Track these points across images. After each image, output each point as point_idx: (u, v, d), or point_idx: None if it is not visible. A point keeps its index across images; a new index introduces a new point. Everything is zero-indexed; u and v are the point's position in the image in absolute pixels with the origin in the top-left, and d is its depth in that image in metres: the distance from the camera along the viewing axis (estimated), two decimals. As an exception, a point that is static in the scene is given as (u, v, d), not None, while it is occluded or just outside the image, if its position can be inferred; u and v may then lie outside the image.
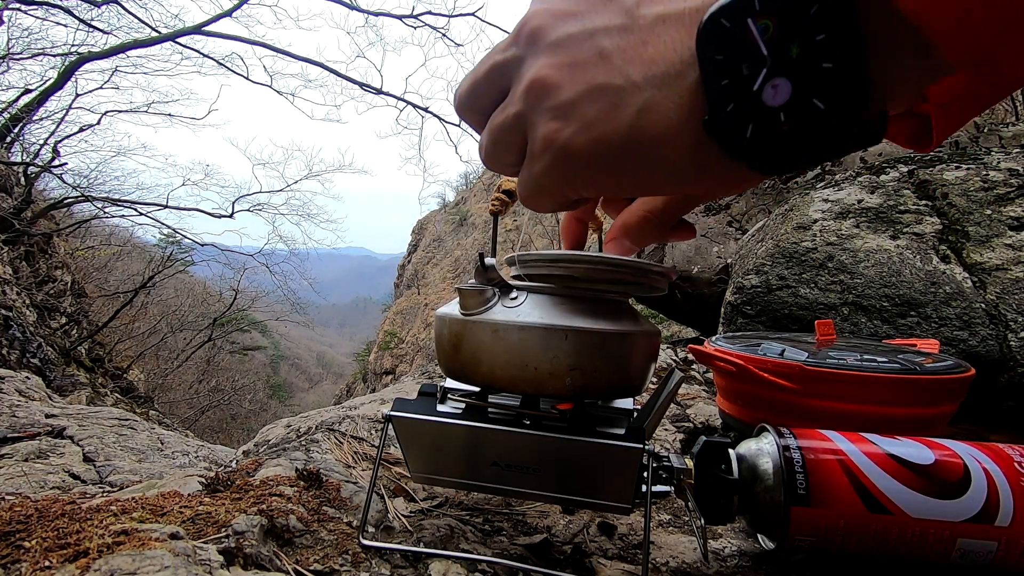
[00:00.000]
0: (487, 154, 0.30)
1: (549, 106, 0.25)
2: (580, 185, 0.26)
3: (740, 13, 0.20)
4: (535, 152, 0.26)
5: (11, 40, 6.28)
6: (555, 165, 0.26)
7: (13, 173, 5.88)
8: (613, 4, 0.24)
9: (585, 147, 0.24)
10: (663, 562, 0.48)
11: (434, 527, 0.48)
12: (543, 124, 0.25)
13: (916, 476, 0.41)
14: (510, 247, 18.80)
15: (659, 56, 0.22)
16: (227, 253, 9.59)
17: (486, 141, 0.29)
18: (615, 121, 0.23)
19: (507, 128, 0.27)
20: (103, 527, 0.38)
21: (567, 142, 0.24)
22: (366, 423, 0.77)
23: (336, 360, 37.99)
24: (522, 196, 0.30)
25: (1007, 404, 0.90)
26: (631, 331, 0.43)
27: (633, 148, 0.24)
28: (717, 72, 0.21)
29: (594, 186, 0.26)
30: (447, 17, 8.09)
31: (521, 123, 0.26)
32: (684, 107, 0.22)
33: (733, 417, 0.70)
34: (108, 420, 1.27)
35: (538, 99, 0.25)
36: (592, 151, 0.24)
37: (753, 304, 1.13)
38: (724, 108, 0.21)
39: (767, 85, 0.20)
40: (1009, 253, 0.98)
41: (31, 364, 3.56)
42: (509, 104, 0.27)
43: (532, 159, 0.26)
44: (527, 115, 0.26)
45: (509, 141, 0.28)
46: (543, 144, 0.25)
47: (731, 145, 0.22)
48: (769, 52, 0.20)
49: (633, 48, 0.23)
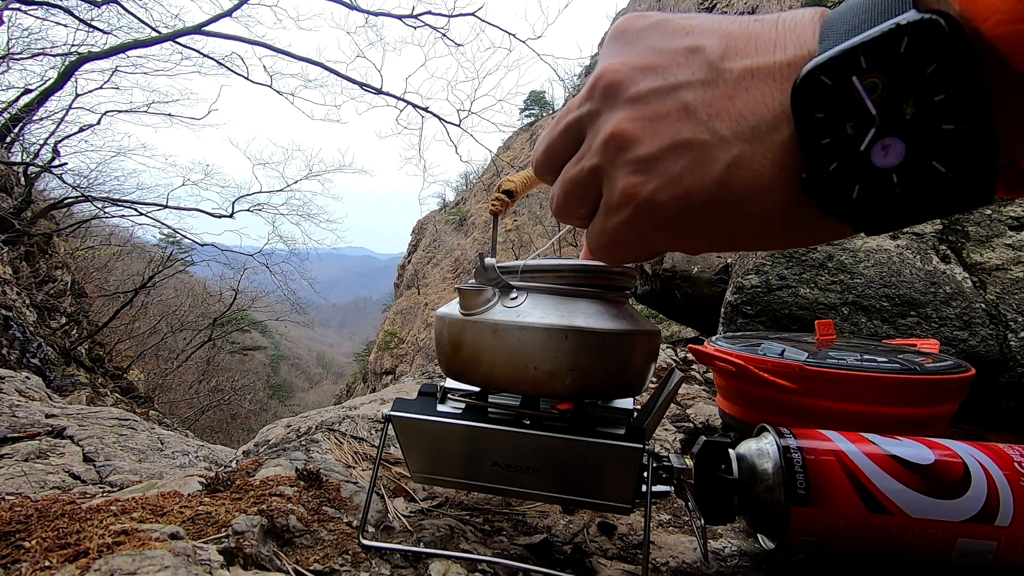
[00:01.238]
0: (559, 207, 0.29)
1: (629, 160, 0.24)
2: (659, 241, 0.26)
3: (844, 71, 0.19)
4: (612, 205, 0.25)
5: (11, 40, 6.28)
6: (635, 220, 0.25)
7: (13, 173, 5.88)
8: (695, 58, 0.23)
9: (669, 203, 0.23)
10: (663, 562, 0.48)
11: (434, 527, 0.48)
12: (622, 178, 0.24)
13: (916, 476, 0.41)
14: (510, 247, 18.82)
15: (748, 111, 0.22)
16: (227, 253, 9.59)
17: (559, 193, 0.29)
18: (701, 177, 0.22)
19: (581, 181, 0.27)
20: (103, 527, 0.38)
21: (649, 197, 0.24)
22: (366, 423, 0.77)
23: (336, 360, 38.01)
24: (593, 248, 0.29)
25: (1007, 404, 0.90)
26: (631, 331, 0.43)
27: (720, 205, 0.23)
28: (817, 130, 0.20)
29: (674, 242, 0.25)
30: (447, 17, 8.09)
31: (596, 176, 0.26)
32: (777, 163, 0.21)
33: (733, 417, 0.70)
34: (108, 420, 1.27)
35: (617, 152, 0.24)
36: (676, 207, 0.23)
37: (753, 304, 1.13)
38: (826, 167, 0.20)
39: (876, 145, 0.19)
40: (1009, 253, 0.98)
41: (31, 364, 3.56)
42: (584, 157, 0.26)
43: (608, 213, 0.26)
44: (604, 168, 0.25)
45: (583, 195, 0.27)
46: (622, 198, 0.25)
47: (833, 206, 0.21)
48: (879, 112, 0.19)
49: (719, 102, 0.22)
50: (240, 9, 7.39)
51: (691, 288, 1.68)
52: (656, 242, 0.26)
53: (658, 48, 0.24)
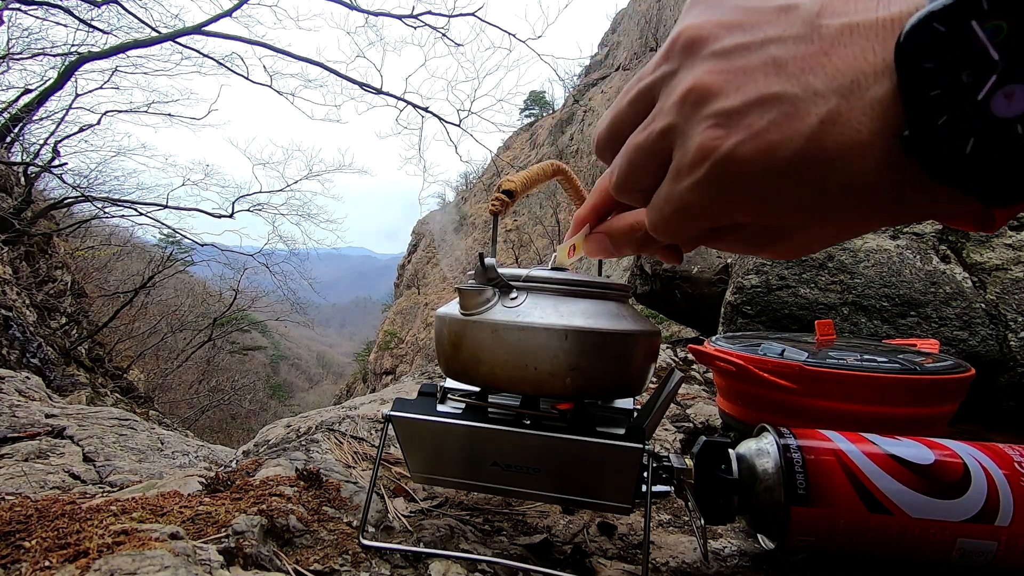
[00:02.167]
0: (621, 179, 0.27)
1: (709, 113, 0.22)
2: (736, 204, 0.23)
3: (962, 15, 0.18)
4: (685, 165, 0.23)
5: (11, 40, 6.28)
6: (710, 179, 0.23)
7: (13, 173, 5.88)
8: (788, 15, 0.22)
9: (751, 158, 0.21)
10: (663, 562, 0.48)
11: (434, 527, 0.48)
12: (700, 133, 0.22)
13: (916, 476, 0.41)
14: (510, 247, 18.78)
15: (845, 65, 0.20)
16: (227, 253, 9.59)
17: (622, 163, 0.26)
18: (790, 131, 0.21)
19: (649, 146, 0.24)
20: (103, 527, 0.38)
21: (730, 152, 0.22)
22: (366, 423, 0.77)
23: (336, 360, 38.01)
24: (655, 221, 0.26)
25: (1007, 404, 0.90)
26: (631, 331, 0.43)
27: (809, 163, 0.21)
28: (925, 81, 0.19)
29: (753, 206, 0.23)
30: (447, 17, 8.09)
31: (668, 138, 0.24)
32: (876, 119, 0.20)
33: (733, 417, 0.70)
34: (108, 420, 1.27)
35: (695, 107, 0.22)
36: (759, 164, 0.21)
37: (753, 304, 1.13)
38: (933, 121, 0.19)
39: (998, 94, 0.18)
40: (1009, 253, 0.98)
41: (31, 364, 3.56)
42: (654, 119, 0.24)
43: (679, 175, 0.24)
44: (678, 127, 0.23)
45: (650, 161, 0.25)
46: (698, 154, 0.22)
47: (940, 165, 0.19)
48: (1002, 57, 0.18)
49: (813, 58, 0.21)
50: (240, 9, 7.39)
51: (691, 288, 1.68)
52: (729, 209, 0.23)
53: (746, 7, 0.23)
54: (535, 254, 18.56)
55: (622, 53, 22.69)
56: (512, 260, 17.57)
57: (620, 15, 25.75)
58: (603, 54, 25.71)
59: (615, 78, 21.95)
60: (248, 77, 7.76)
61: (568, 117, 23.60)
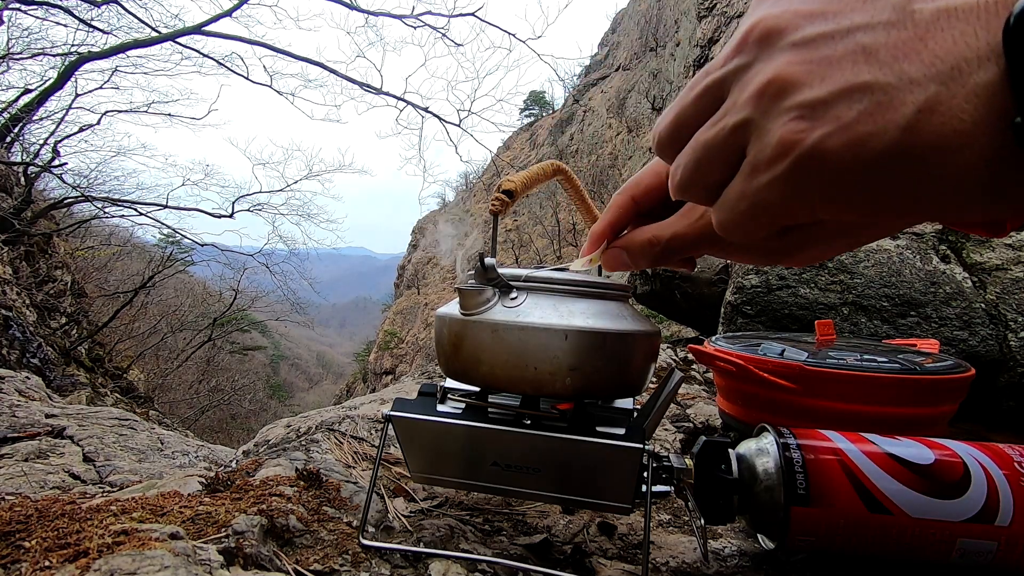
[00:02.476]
0: (686, 176, 0.25)
1: (791, 105, 0.21)
2: (819, 200, 0.22)
3: None
4: (764, 160, 0.22)
5: (11, 40, 6.28)
6: (791, 175, 0.21)
7: (13, 173, 5.88)
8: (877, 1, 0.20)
9: (838, 152, 0.20)
10: (663, 562, 0.48)
11: (434, 527, 0.48)
12: (780, 126, 0.21)
13: (916, 476, 0.41)
14: (510, 247, 18.76)
15: (944, 51, 0.19)
16: (227, 253, 9.60)
17: (688, 161, 0.25)
18: (883, 122, 0.19)
19: (720, 142, 0.23)
20: (103, 527, 0.38)
21: (816, 146, 0.20)
22: (366, 423, 0.77)
23: (336, 360, 38.01)
24: (726, 220, 0.25)
25: (1007, 404, 0.90)
26: (631, 331, 0.43)
27: (905, 156, 0.19)
28: None
29: (839, 202, 0.22)
30: (447, 17, 8.09)
31: (742, 133, 0.22)
32: (981, 107, 0.18)
33: (733, 417, 0.70)
34: (108, 420, 1.27)
35: (775, 100, 0.21)
36: (847, 158, 0.20)
37: (753, 304, 1.13)
38: None
39: None
40: (1009, 253, 0.98)
41: (31, 364, 3.56)
42: (726, 114, 0.23)
43: (755, 171, 0.22)
44: (754, 121, 0.22)
45: (720, 158, 0.24)
46: (779, 149, 0.21)
47: None
48: None
49: (907, 44, 0.19)
50: (240, 9, 7.40)
51: (691, 288, 1.68)
52: (811, 205, 0.22)
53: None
54: (535, 254, 18.56)
55: (622, 53, 22.68)
56: (512, 260, 17.58)
57: (620, 15, 25.74)
58: (603, 54, 25.70)
59: (615, 78, 21.94)
60: (248, 77, 7.76)
61: (568, 117, 23.60)
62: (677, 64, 14.57)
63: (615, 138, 19.41)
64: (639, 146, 17.15)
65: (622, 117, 19.55)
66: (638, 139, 17.70)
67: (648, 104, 17.92)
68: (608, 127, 20.02)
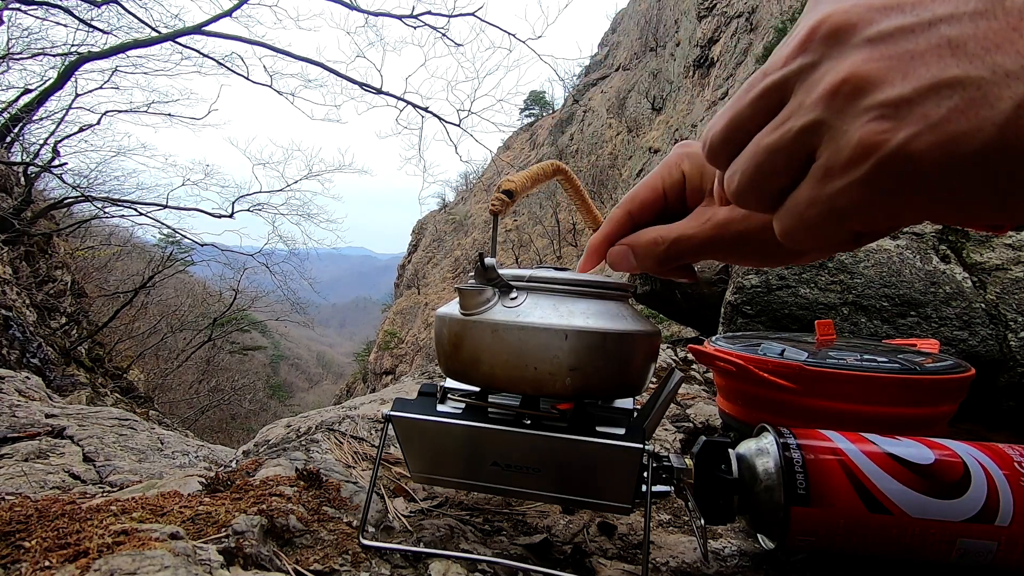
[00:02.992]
0: (746, 183, 0.24)
1: (870, 104, 0.20)
2: (903, 205, 0.21)
3: None
4: (840, 164, 0.21)
5: (11, 40, 6.29)
6: (875, 177, 0.20)
7: (13, 173, 5.88)
8: None
9: (927, 152, 0.19)
10: (663, 562, 0.48)
11: (434, 527, 0.48)
12: (860, 127, 0.20)
13: (916, 476, 0.41)
14: (510, 247, 18.76)
15: None
16: (227, 253, 9.60)
17: (745, 168, 0.24)
18: (977, 120, 0.18)
19: (782, 146, 0.22)
20: (103, 527, 0.38)
21: (901, 147, 0.19)
22: (366, 423, 0.77)
23: (336, 360, 38.03)
24: (792, 226, 0.23)
25: (1007, 404, 0.90)
26: (631, 331, 0.43)
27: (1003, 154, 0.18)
28: None
29: (924, 205, 0.20)
30: (447, 17, 8.10)
31: (811, 136, 0.21)
32: None
33: (733, 417, 0.70)
34: (108, 420, 1.27)
35: (850, 99, 0.20)
36: (937, 158, 0.19)
37: (753, 304, 1.13)
38: None
39: None
40: (1009, 253, 0.98)
41: (31, 364, 3.56)
42: (791, 116, 0.22)
43: (829, 175, 0.21)
44: (826, 123, 0.21)
45: (782, 164, 0.23)
46: (859, 151, 0.20)
47: None
48: None
49: (999, 34, 0.18)
50: (240, 9, 7.40)
51: (691, 288, 1.68)
52: (895, 209, 0.21)
53: None
54: (535, 254, 18.56)
55: (622, 53, 22.67)
56: (512, 260, 17.58)
57: (620, 15, 25.75)
58: (603, 54, 25.70)
59: (615, 78, 21.93)
60: (248, 77, 7.76)
61: (568, 117, 23.61)
62: (677, 64, 14.54)
63: (615, 138, 19.42)
64: (639, 146, 17.16)
65: (622, 117, 19.55)
66: (638, 139, 17.70)
67: (648, 104, 17.91)
68: (608, 127, 20.03)
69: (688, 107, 14.74)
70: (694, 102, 14.25)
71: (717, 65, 13.09)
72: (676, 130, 14.70)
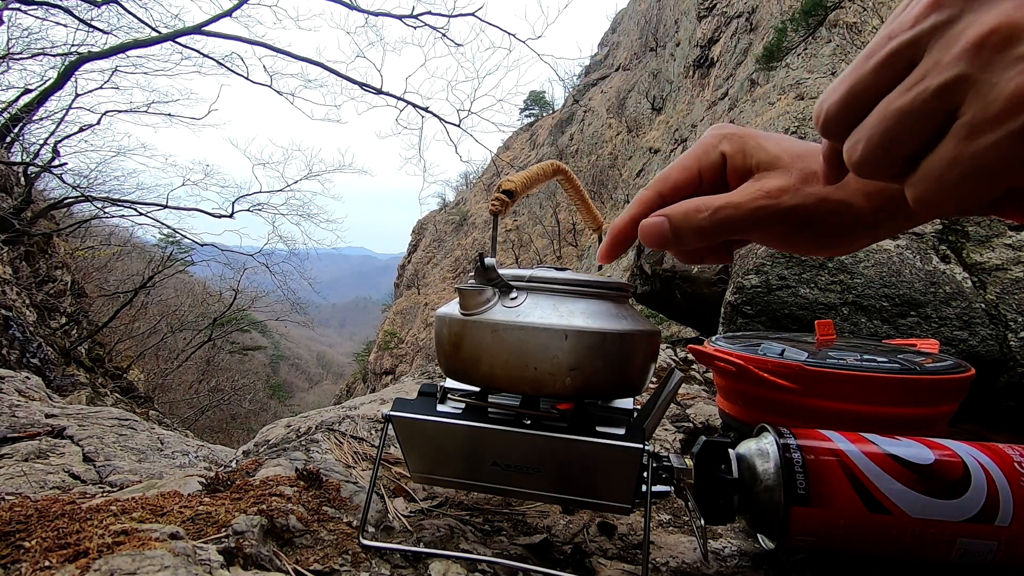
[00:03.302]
0: (874, 150, 0.23)
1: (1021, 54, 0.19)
2: None
3: None
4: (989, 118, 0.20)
5: (11, 40, 6.28)
6: None
7: (13, 173, 5.88)
8: None
9: None
10: (663, 562, 0.48)
11: (434, 527, 0.48)
12: (1012, 77, 0.19)
13: (916, 476, 0.41)
14: (510, 247, 18.75)
15: None
16: (227, 253, 9.59)
17: (873, 134, 0.23)
18: None
19: (917, 107, 0.21)
20: (103, 527, 0.38)
21: None
22: (366, 423, 0.77)
23: (336, 360, 38.03)
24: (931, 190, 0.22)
25: (1007, 404, 0.90)
26: (631, 331, 0.43)
27: None
28: None
29: None
30: (447, 17, 8.09)
31: (951, 93, 0.20)
32: None
33: (733, 417, 0.70)
34: (108, 420, 1.27)
35: (1000, 49, 0.19)
36: None
37: (753, 304, 1.13)
38: None
39: None
40: (1009, 253, 0.98)
41: (31, 364, 3.56)
42: (926, 76, 0.21)
43: (975, 131, 0.20)
44: (971, 76, 0.20)
45: (917, 126, 0.21)
46: (1013, 101, 0.19)
47: None
48: None
49: None
50: (240, 9, 7.39)
51: (691, 288, 1.68)
52: None
53: None
54: (535, 254, 18.56)
55: (622, 53, 22.66)
56: (512, 260, 17.59)
57: (620, 15, 25.74)
58: (603, 54, 25.70)
59: (615, 78, 21.92)
60: (248, 77, 7.76)
61: (568, 117, 23.61)
62: (677, 64, 14.53)
63: (615, 138, 19.42)
64: (639, 146, 17.14)
65: (622, 117, 19.54)
66: (638, 139, 17.69)
67: (648, 104, 17.89)
68: (608, 127, 20.02)
69: (688, 107, 14.75)
70: (694, 102, 14.25)
71: (717, 65, 13.10)
72: (676, 130, 14.70)
